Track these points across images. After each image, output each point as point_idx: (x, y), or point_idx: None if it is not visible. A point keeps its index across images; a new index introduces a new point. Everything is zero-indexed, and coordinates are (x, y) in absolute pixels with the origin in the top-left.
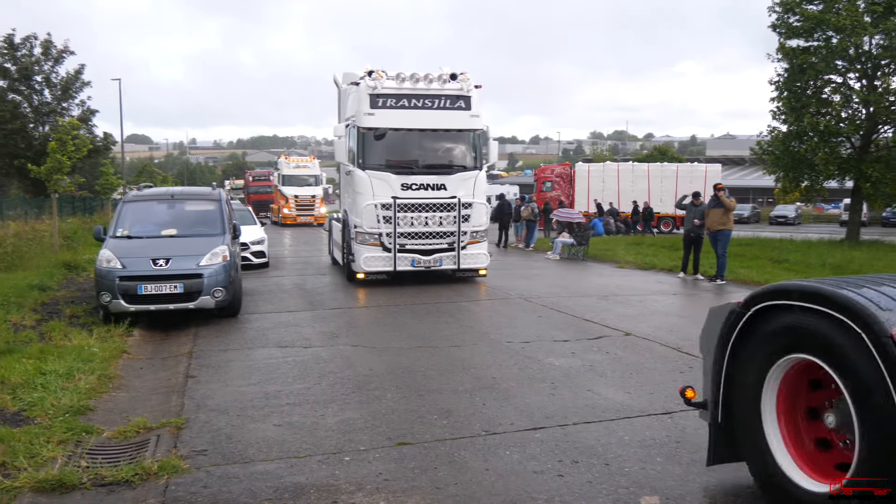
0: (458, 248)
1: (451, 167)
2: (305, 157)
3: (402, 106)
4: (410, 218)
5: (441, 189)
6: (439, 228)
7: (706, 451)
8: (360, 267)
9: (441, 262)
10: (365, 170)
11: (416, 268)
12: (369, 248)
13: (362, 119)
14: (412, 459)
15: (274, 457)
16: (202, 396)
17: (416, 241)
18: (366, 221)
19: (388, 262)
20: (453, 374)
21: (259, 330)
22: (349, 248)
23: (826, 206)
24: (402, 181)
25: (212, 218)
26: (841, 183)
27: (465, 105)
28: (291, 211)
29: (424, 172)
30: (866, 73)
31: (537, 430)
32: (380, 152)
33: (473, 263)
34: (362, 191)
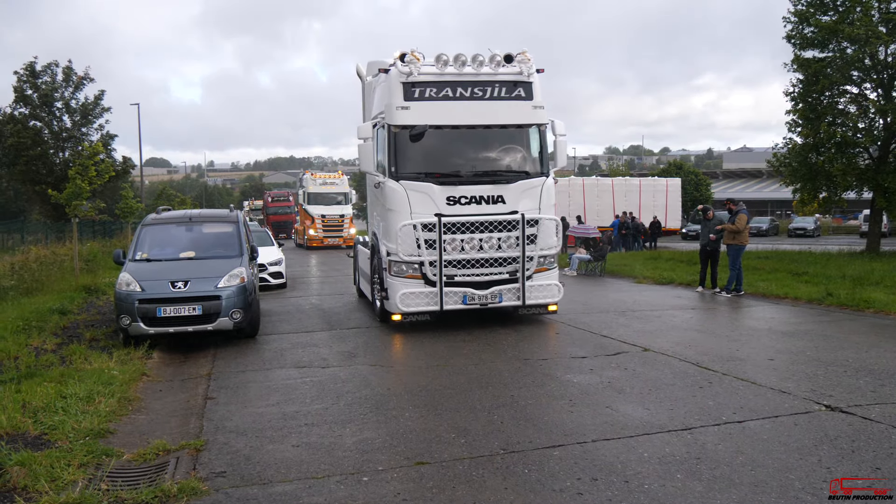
0: (522, 279)
1: (510, 174)
2: (333, 174)
3: (446, 97)
4: (460, 241)
5: (498, 202)
6: (498, 254)
7: (726, 467)
8: (395, 306)
9: (500, 297)
10: (399, 180)
11: (470, 305)
12: (407, 281)
13: (394, 115)
14: (430, 479)
15: (292, 478)
16: (221, 418)
17: (467, 270)
18: (402, 247)
19: (432, 300)
20: (471, 393)
21: (277, 351)
22: (381, 281)
23: (844, 218)
24: (448, 194)
25: (229, 240)
26: (859, 194)
27: (526, 93)
28: (318, 232)
29: (476, 181)
30: (882, 83)
31: (556, 447)
32: (418, 157)
33: (542, 297)
34: (396, 207)
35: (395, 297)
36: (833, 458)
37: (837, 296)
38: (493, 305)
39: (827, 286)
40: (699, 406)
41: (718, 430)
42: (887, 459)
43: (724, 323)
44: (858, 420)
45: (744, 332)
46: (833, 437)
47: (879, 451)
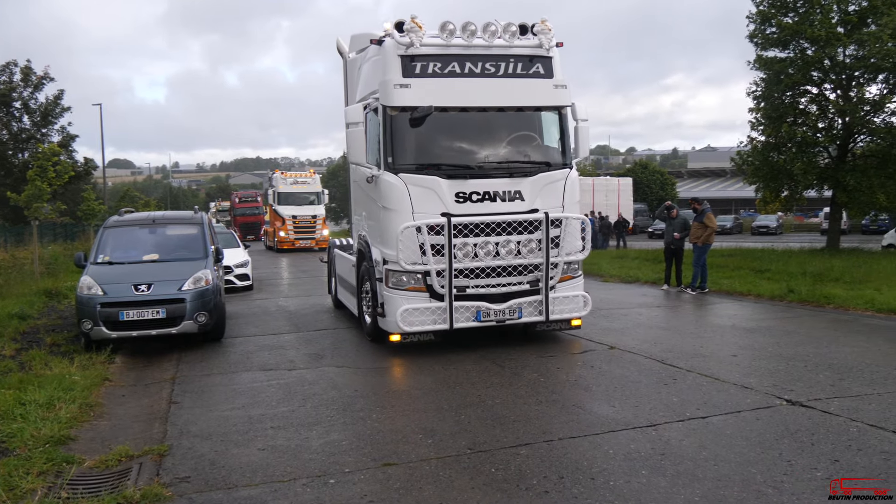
0: (545, 290)
1: (529, 165)
2: (304, 173)
3: (452, 73)
4: (472, 246)
5: (516, 199)
6: (517, 261)
7: (690, 462)
8: (395, 325)
9: (520, 311)
10: (398, 173)
11: (484, 322)
12: (409, 295)
13: (391, 94)
14: (397, 480)
15: (258, 481)
16: (185, 422)
17: (481, 280)
18: (403, 254)
19: (439, 317)
20: (438, 392)
21: (243, 353)
22: (373, 293)
23: (805, 216)
24: (458, 189)
25: (194, 242)
26: (819, 192)
27: (545, 70)
28: (289, 234)
29: (489, 175)
30: (841, 84)
31: (522, 446)
32: (420, 145)
33: (567, 311)
34: (395, 206)
35: (395, 315)
36: (793, 452)
37: (799, 292)
38: (511, 322)
39: (788, 283)
40: (664, 403)
41: (683, 425)
42: (845, 451)
43: (689, 320)
44: (818, 414)
45: (708, 329)
46: (793, 431)
47: (838, 444)
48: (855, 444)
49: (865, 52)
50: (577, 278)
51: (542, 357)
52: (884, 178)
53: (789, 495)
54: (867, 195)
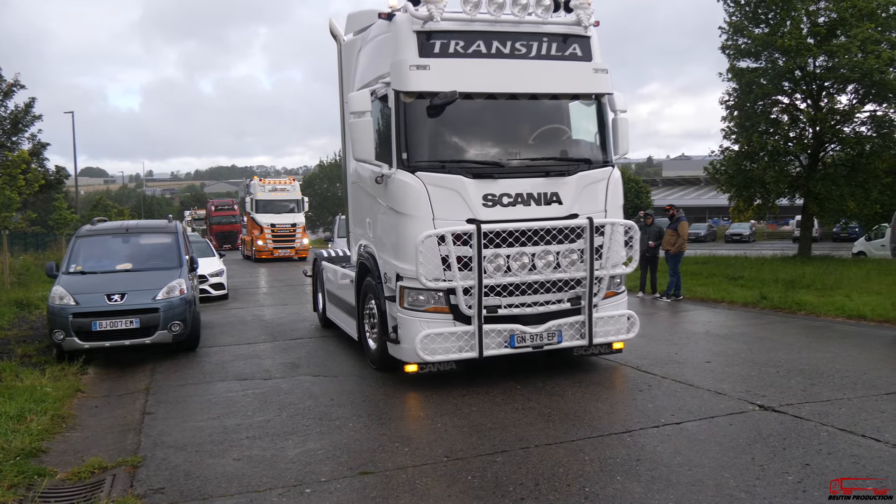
0: (588, 308)
1: (567, 163)
2: (284, 179)
3: (477, 53)
4: (505, 258)
5: (553, 202)
6: (556, 275)
7: (664, 468)
8: (414, 353)
9: (560, 334)
10: (415, 172)
11: (519, 349)
12: (429, 317)
13: (407, 77)
14: (374, 488)
15: (233, 492)
16: (159, 433)
17: (515, 299)
18: (424, 268)
19: (466, 343)
20: (414, 400)
21: (218, 363)
22: (380, 314)
23: (778, 223)
24: (486, 190)
25: (168, 251)
26: (791, 200)
27: (583, 51)
28: (267, 243)
29: (522, 173)
30: (812, 94)
31: (499, 453)
32: (441, 138)
33: (611, 333)
34: (412, 211)
35: (414, 341)
36: (766, 456)
37: (771, 299)
38: (550, 347)
39: (761, 290)
40: (639, 409)
41: (657, 431)
42: (816, 455)
43: (664, 327)
44: (790, 419)
45: (682, 335)
46: (766, 436)
47: (809, 448)
48: (825, 448)
49: (835, 63)
50: (620, 294)
51: (517, 364)
52: (853, 186)
53: (761, 499)
54: (837, 203)
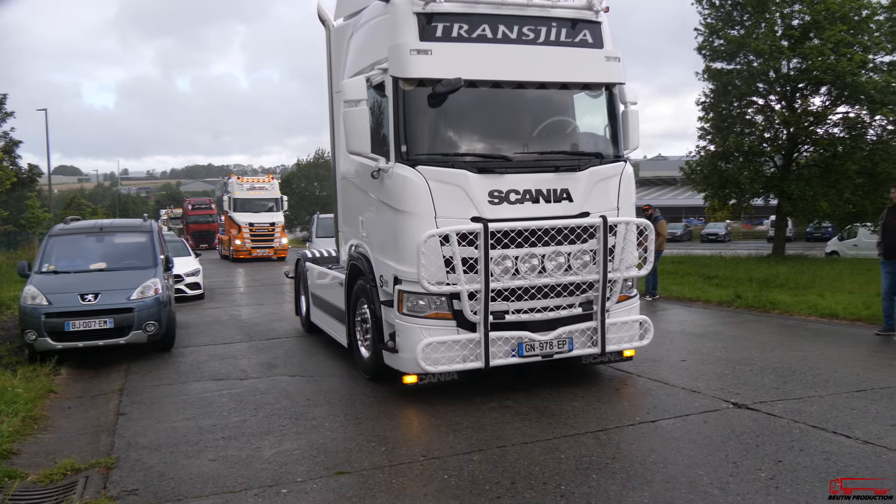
0: (601, 314)
1: (578, 157)
2: (262, 177)
3: (482, 37)
4: (513, 260)
5: (563, 199)
6: (567, 278)
7: (639, 466)
8: (415, 363)
9: (570, 342)
10: (416, 166)
11: (528, 358)
12: (431, 323)
13: (407, 62)
14: (350, 488)
15: (209, 492)
16: (133, 434)
17: (523, 303)
18: (426, 270)
19: (471, 352)
20: (391, 401)
21: (193, 363)
22: (375, 320)
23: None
24: (492, 186)
25: (143, 250)
26: (766, 200)
27: (594, 38)
28: (245, 242)
29: (531, 168)
30: (786, 95)
31: (475, 452)
32: (443, 129)
33: (625, 340)
34: (412, 208)
35: (415, 350)
36: (739, 453)
37: (745, 298)
38: (560, 356)
39: (736, 289)
40: (615, 407)
41: (633, 429)
42: (788, 452)
43: None
44: (763, 416)
45: (658, 334)
46: (739, 433)
47: (781, 445)
48: (797, 444)
49: (808, 65)
50: (632, 298)
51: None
52: (826, 186)
53: (734, 496)
54: (810, 203)
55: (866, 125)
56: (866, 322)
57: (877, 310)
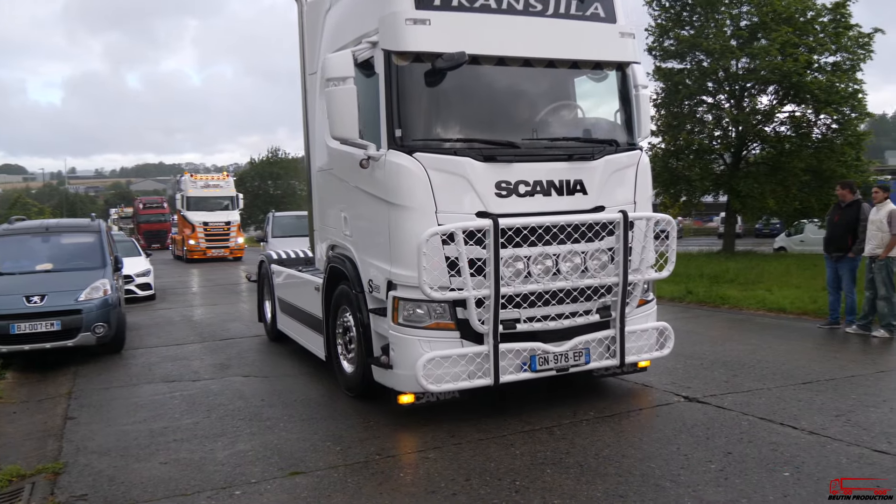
0: (620, 321)
1: (592, 144)
2: (217, 175)
3: (485, 6)
4: (525, 261)
5: (576, 192)
6: (584, 281)
7: (593, 460)
8: (413, 382)
9: (587, 354)
10: (413, 153)
11: (541, 372)
12: (432, 335)
13: (401, 34)
14: (305, 488)
15: (160, 496)
16: (82, 438)
17: (536, 311)
18: (427, 274)
19: (479, 367)
20: (346, 400)
21: (144, 365)
22: (362, 331)
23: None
24: (500, 177)
25: (91, 250)
26: (715, 198)
27: (606, 11)
28: (199, 242)
29: (541, 156)
30: (735, 94)
31: (431, 449)
32: (442, 112)
33: (644, 350)
34: (410, 201)
35: (415, 367)
36: (690, 446)
37: (696, 293)
38: (577, 369)
39: (687, 285)
40: (568, 403)
41: (587, 424)
42: (738, 444)
43: None
44: (713, 409)
45: None
46: (690, 426)
47: (731, 437)
48: (746, 436)
49: (756, 65)
50: (650, 302)
51: None
52: (774, 184)
53: (685, 487)
54: (759, 200)
55: (812, 124)
56: (812, 315)
57: (822, 304)
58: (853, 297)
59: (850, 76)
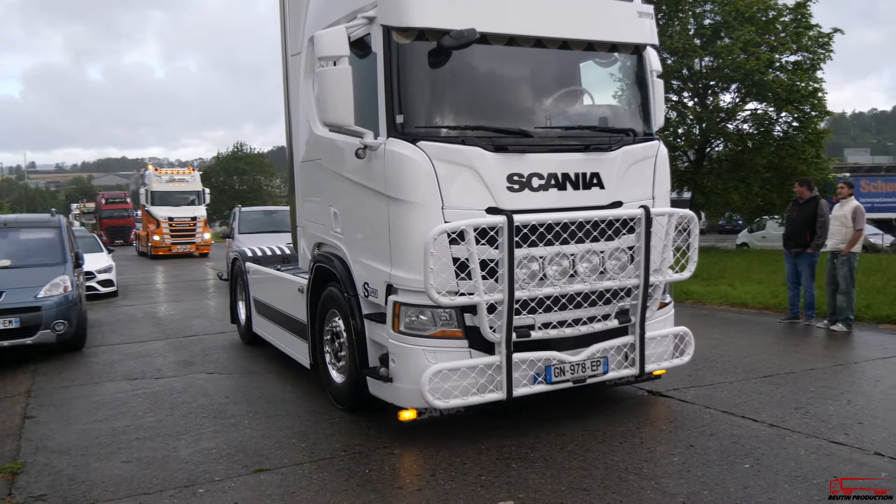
0: (639, 327)
1: (608, 132)
2: (183, 169)
3: None
4: (539, 261)
5: (593, 185)
6: (602, 283)
7: (558, 454)
8: (416, 397)
9: (605, 362)
10: (416, 141)
11: (557, 384)
12: (437, 345)
13: (403, 8)
14: (270, 486)
15: (122, 495)
16: (41, 438)
17: (552, 316)
18: (434, 277)
19: (489, 379)
20: (313, 396)
21: (106, 363)
22: (356, 339)
23: None
24: (512, 168)
25: (51, 246)
26: (679, 194)
27: None
28: (164, 238)
29: (555, 146)
30: (698, 92)
31: (396, 445)
32: (448, 97)
33: (664, 357)
34: (412, 195)
35: (420, 380)
36: (653, 439)
37: None
38: (594, 380)
39: None
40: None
41: (551, 419)
42: (700, 437)
43: None
44: (676, 402)
45: None
46: (654, 420)
47: (693, 430)
48: (708, 429)
49: (719, 64)
50: (668, 305)
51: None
52: (737, 180)
53: (648, 480)
54: (722, 197)
55: (773, 122)
56: (773, 310)
57: (783, 299)
58: (812, 293)
59: (811, 75)
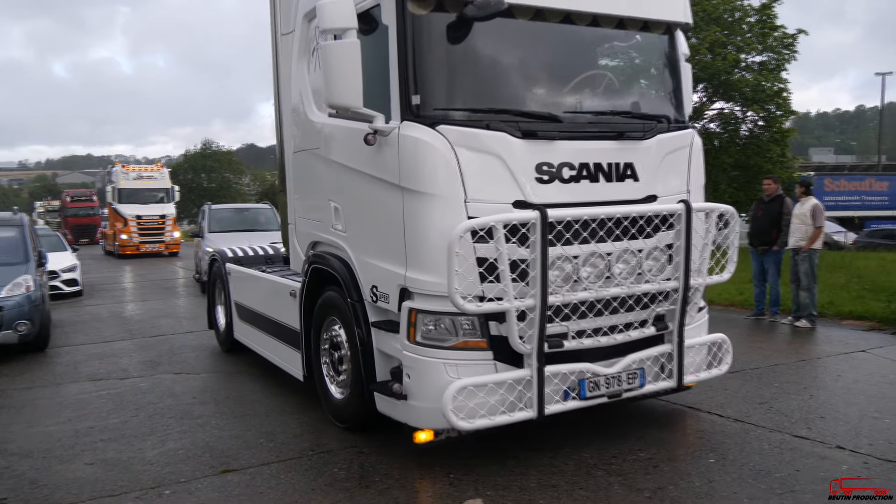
0: (677, 335)
1: (641, 119)
2: (151, 166)
3: None
4: (573, 262)
5: (627, 177)
6: (639, 286)
7: (528, 451)
8: (437, 417)
9: (642, 375)
10: (434, 125)
11: (592, 399)
12: (458, 356)
13: None
14: (237, 486)
15: (85, 498)
16: (2, 440)
17: (586, 323)
18: (457, 279)
19: (521, 396)
20: (282, 397)
21: (70, 364)
22: (361, 349)
23: None
24: (541, 157)
25: (12, 245)
26: None
27: None
28: (132, 237)
29: (587, 134)
30: None
31: (365, 445)
32: (471, 75)
33: (702, 367)
34: (431, 187)
35: (442, 398)
36: (621, 435)
37: None
38: (631, 394)
39: None
40: None
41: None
42: (666, 433)
43: None
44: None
45: None
46: (622, 416)
47: (660, 426)
48: (674, 425)
49: None
50: (703, 310)
51: None
52: (705, 179)
53: (616, 476)
54: None
55: (740, 121)
56: (739, 307)
57: (749, 296)
58: (778, 290)
59: (776, 75)
